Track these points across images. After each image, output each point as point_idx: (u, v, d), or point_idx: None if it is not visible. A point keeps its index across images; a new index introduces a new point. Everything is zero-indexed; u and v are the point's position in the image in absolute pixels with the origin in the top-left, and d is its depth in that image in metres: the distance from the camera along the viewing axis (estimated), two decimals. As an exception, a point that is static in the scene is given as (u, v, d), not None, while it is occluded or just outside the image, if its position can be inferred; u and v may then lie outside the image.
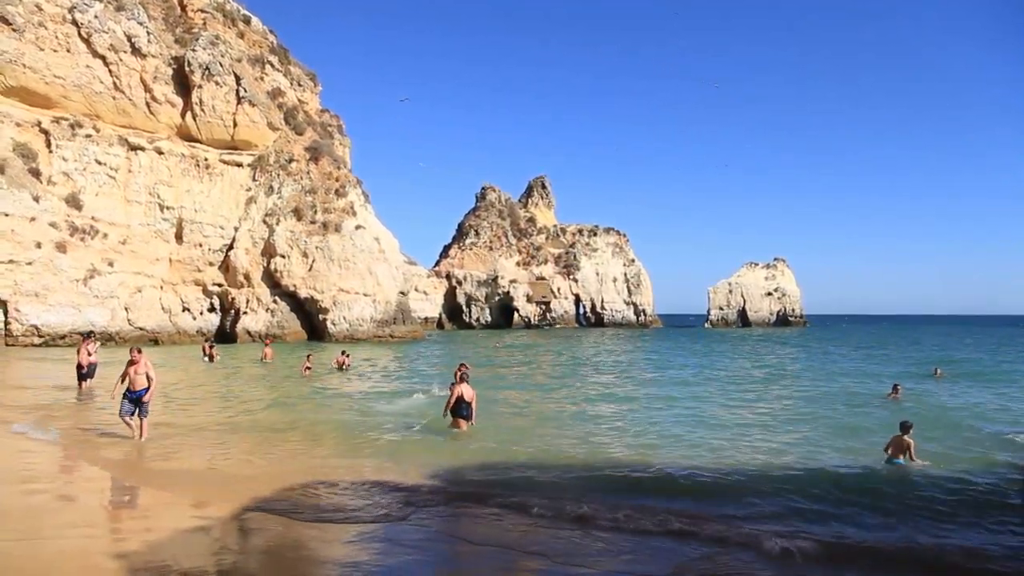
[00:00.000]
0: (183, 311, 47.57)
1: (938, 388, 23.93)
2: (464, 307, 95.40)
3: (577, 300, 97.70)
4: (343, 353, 28.33)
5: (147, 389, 12.35)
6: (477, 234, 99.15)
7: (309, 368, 25.12)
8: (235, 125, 48.92)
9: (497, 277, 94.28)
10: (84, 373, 18.81)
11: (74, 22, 41.45)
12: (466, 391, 13.80)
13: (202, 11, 51.43)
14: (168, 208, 46.72)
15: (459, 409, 13.73)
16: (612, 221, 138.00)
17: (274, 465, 10.97)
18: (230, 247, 48.96)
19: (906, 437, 11.47)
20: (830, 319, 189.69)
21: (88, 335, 21.60)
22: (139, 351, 12.78)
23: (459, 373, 14.05)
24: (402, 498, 9.16)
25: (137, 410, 12.38)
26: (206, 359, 30.10)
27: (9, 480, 9.60)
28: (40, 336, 36.93)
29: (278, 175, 51.18)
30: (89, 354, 19.01)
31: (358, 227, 51.44)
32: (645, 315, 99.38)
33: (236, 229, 49.42)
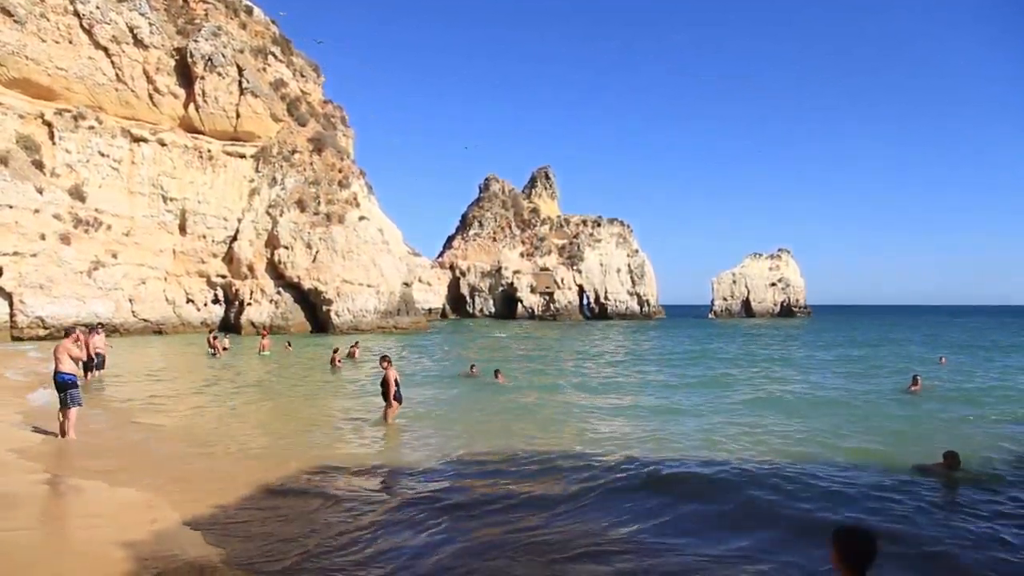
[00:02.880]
0: (187, 303, 47.69)
1: (949, 376, 23.77)
2: (468, 298, 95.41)
3: (581, 291, 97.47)
4: (354, 344, 28.40)
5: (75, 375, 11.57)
6: (481, 225, 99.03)
7: (340, 361, 25.56)
8: (238, 116, 48.86)
9: (501, 268, 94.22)
10: (95, 363, 19.23)
11: (76, 13, 41.35)
12: (394, 374, 13.91)
13: (204, 1, 51.25)
14: (171, 200, 46.76)
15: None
16: (616, 212, 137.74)
17: (281, 457, 10.98)
18: (234, 238, 49.00)
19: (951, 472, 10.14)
20: (833, 309, 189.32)
21: (97, 327, 22.02)
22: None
23: (385, 361, 14.08)
24: (399, 491, 9.20)
25: (70, 399, 11.39)
26: (211, 352, 30.00)
27: (18, 469, 9.65)
28: (45, 328, 37.01)
29: (281, 166, 51.13)
30: (97, 347, 19.50)
31: (361, 218, 51.41)
32: (649, 306, 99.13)
33: (240, 220, 49.45)
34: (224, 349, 30.41)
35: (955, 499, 9.11)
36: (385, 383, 13.72)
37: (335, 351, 26.39)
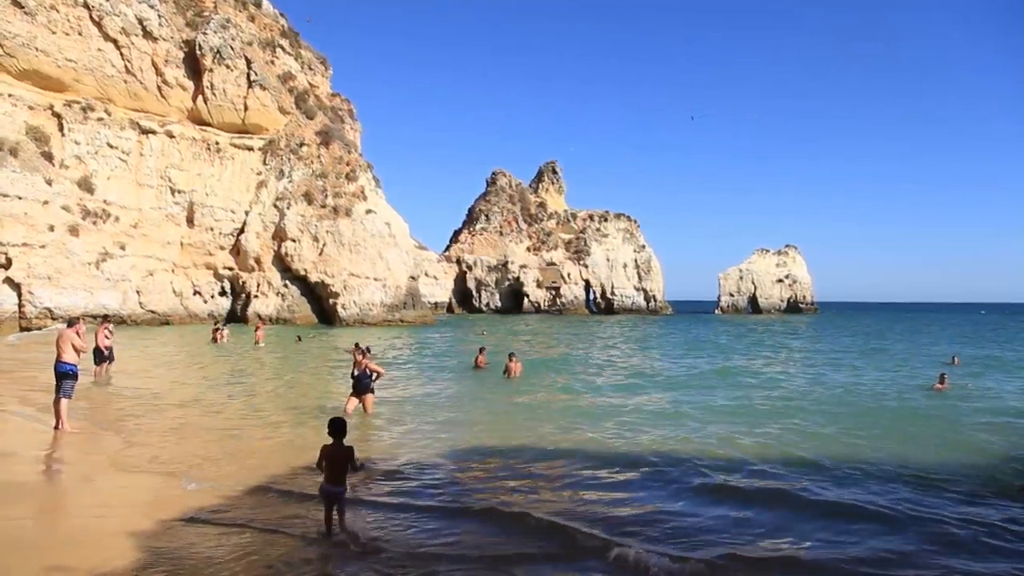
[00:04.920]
0: (194, 294, 47.90)
1: (965, 376, 23.31)
2: (474, 292, 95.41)
3: (587, 286, 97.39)
4: (356, 345, 28.39)
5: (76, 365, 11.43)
6: (487, 219, 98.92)
7: (369, 351, 25.81)
8: (246, 109, 48.93)
9: (507, 262, 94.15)
10: (105, 356, 19.27)
11: (85, 5, 41.45)
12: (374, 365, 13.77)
13: (213, -6, 51.32)
14: (179, 192, 46.92)
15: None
16: (623, 207, 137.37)
17: (288, 449, 11.04)
18: (241, 231, 49.12)
19: None
20: (839, 306, 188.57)
21: (104, 319, 22.10)
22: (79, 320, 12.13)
23: (360, 348, 14.01)
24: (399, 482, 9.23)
25: (60, 389, 11.25)
26: (215, 341, 30.11)
27: (27, 460, 9.73)
28: (53, 319, 37.20)
29: (289, 159, 51.20)
30: (107, 337, 19.50)
31: (368, 212, 51.45)
32: (655, 301, 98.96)
33: (247, 213, 49.55)
34: (223, 338, 30.47)
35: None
36: (370, 373, 13.46)
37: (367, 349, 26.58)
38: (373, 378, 13.69)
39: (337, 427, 6.95)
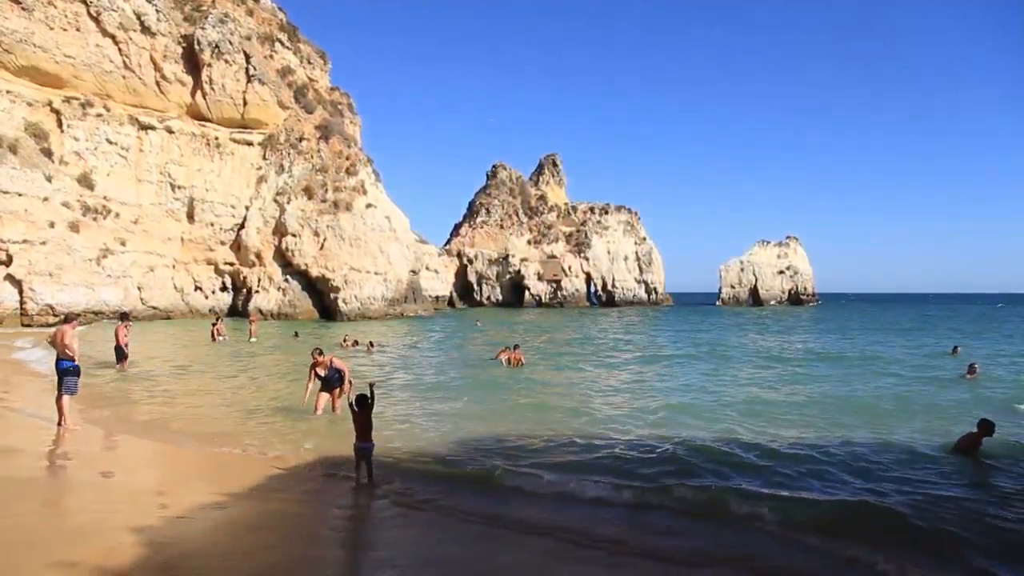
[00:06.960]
0: (195, 290, 47.89)
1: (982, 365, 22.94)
2: (475, 285, 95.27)
3: (588, 278, 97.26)
4: (346, 339, 28.40)
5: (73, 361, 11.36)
6: (488, 212, 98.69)
7: (373, 345, 27.13)
8: (245, 104, 48.83)
9: (508, 255, 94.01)
10: (125, 353, 19.82)
11: (83, 0, 41.29)
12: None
13: (210, -12, 51.08)
14: (179, 187, 46.86)
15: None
16: (623, 199, 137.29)
17: (293, 446, 11.04)
18: (241, 226, 49.09)
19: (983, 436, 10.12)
20: (840, 297, 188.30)
21: (124, 316, 22.35)
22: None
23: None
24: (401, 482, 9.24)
25: (62, 386, 11.22)
26: (221, 338, 30.00)
27: (31, 456, 9.73)
28: (55, 316, 37.14)
29: (288, 154, 51.10)
30: (125, 334, 20.00)
31: (369, 206, 51.37)
32: (656, 293, 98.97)
33: (247, 208, 49.50)
34: (221, 334, 30.41)
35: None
36: (340, 371, 13.24)
37: (369, 343, 27.31)
38: (342, 376, 13.31)
39: (360, 402, 8.78)
